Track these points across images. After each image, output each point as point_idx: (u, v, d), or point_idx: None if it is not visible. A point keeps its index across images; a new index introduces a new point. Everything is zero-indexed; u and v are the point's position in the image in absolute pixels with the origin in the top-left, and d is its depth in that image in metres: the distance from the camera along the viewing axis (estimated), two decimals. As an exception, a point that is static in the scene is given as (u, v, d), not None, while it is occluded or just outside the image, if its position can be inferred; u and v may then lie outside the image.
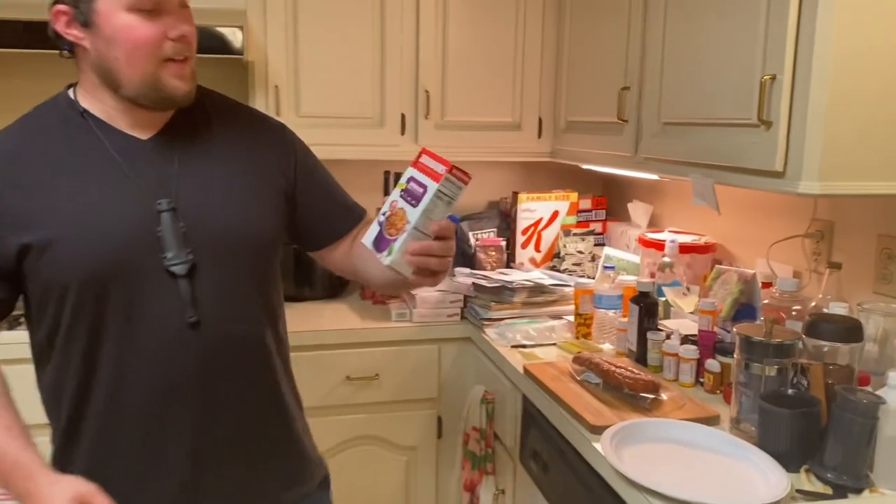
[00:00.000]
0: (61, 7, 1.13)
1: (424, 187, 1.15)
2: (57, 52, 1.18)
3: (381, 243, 1.17)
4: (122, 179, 1.16)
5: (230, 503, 1.24)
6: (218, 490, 1.22)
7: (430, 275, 1.19)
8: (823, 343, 1.42)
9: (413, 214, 1.14)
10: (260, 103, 2.34)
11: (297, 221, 1.35)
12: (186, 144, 1.22)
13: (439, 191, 1.13)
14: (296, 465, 1.33)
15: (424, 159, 1.17)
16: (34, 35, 2.10)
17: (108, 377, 1.16)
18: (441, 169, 1.14)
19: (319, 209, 1.38)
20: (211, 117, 1.28)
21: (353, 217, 1.42)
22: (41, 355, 1.21)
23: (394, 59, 2.42)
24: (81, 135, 1.17)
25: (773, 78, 1.42)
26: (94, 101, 1.19)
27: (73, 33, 1.13)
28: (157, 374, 1.16)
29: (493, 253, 2.56)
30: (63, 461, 1.20)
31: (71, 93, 1.21)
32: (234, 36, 2.21)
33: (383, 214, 1.18)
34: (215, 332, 1.18)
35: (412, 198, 1.16)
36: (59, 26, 1.14)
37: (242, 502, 1.25)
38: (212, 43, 2.18)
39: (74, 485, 1.05)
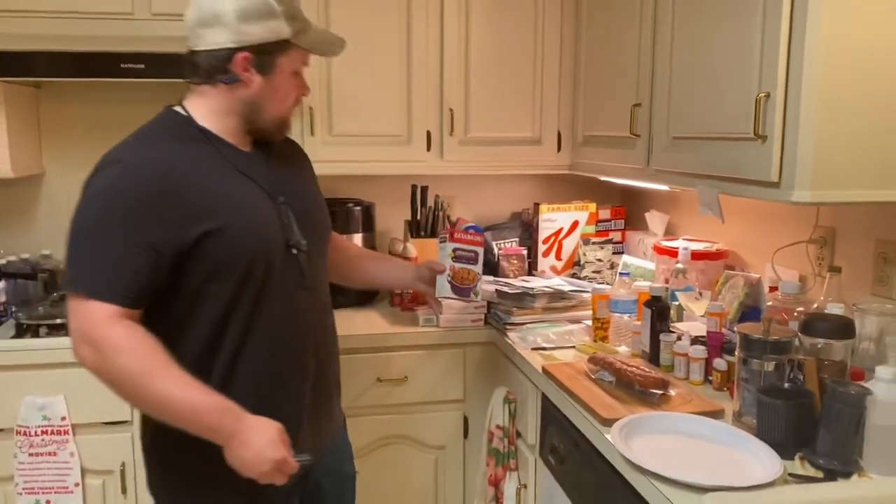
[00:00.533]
0: (244, 54, 1.41)
1: (475, 252, 2.01)
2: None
3: (462, 292, 1.98)
4: (248, 181, 1.46)
5: (328, 423, 1.64)
6: (325, 414, 1.62)
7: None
8: (818, 340, 1.53)
9: (478, 268, 2.03)
10: (296, 124, 2.51)
11: None
12: (270, 156, 1.55)
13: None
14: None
15: (458, 235, 2.01)
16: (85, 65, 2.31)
17: (250, 330, 1.44)
18: (478, 239, 2.03)
19: None
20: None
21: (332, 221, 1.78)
22: (182, 322, 1.42)
23: (419, 80, 2.58)
24: (206, 145, 1.44)
25: (768, 95, 1.54)
26: (215, 121, 1.46)
27: (247, 75, 1.43)
28: (284, 328, 1.48)
29: (516, 261, 2.69)
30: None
31: (181, 111, 1.47)
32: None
33: (448, 276, 1.96)
34: (319, 295, 1.58)
35: (468, 260, 1.99)
36: (236, 67, 1.41)
37: (330, 421, 1.66)
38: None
39: (274, 423, 1.36)
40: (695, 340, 1.91)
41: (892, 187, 1.51)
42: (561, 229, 2.76)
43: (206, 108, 1.46)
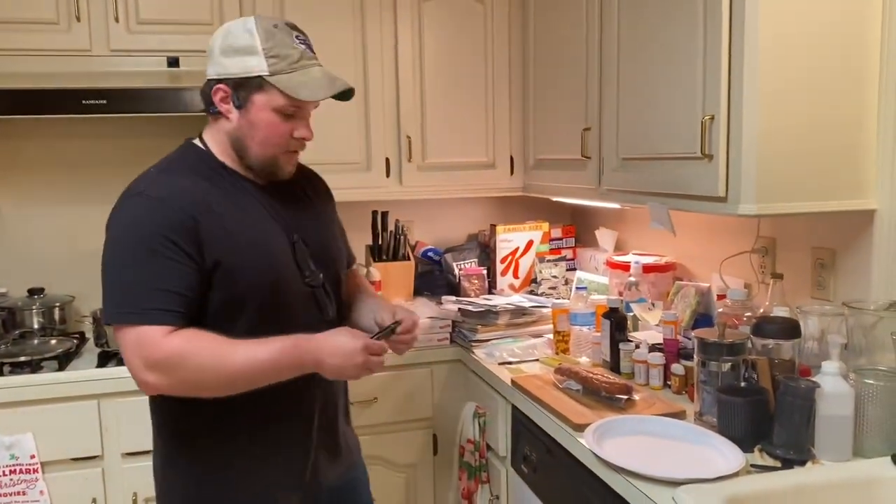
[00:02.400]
0: (222, 86, 1.45)
1: None
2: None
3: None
4: (264, 216, 1.50)
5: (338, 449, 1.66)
6: (334, 438, 1.65)
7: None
8: (768, 341, 1.66)
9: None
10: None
11: None
12: (287, 192, 1.57)
13: None
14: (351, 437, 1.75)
15: None
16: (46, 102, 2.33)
17: None
18: None
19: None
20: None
21: (351, 259, 1.80)
22: None
23: (377, 110, 2.67)
24: (224, 179, 1.49)
25: (712, 118, 1.68)
26: (226, 157, 1.51)
27: (225, 108, 1.46)
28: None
29: (476, 281, 2.79)
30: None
31: (200, 145, 1.52)
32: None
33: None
34: (337, 326, 1.50)
35: None
36: (216, 98, 1.46)
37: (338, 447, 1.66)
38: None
39: (336, 329, 1.43)
40: (652, 348, 2.03)
41: (826, 199, 1.66)
42: (517, 249, 2.87)
43: (213, 140, 1.52)
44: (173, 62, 2.48)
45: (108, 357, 2.42)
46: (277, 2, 2.55)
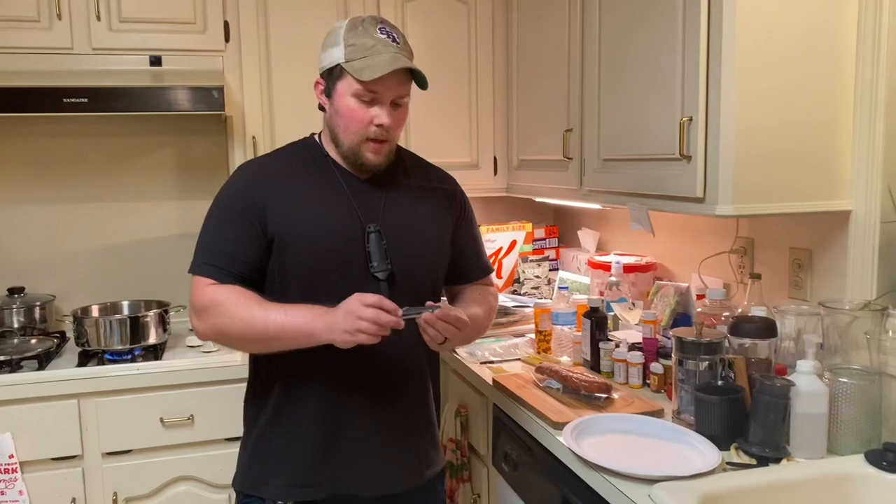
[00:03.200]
0: (320, 79, 1.60)
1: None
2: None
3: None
4: (349, 206, 1.58)
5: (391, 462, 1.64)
6: (389, 448, 1.63)
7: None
8: (745, 340, 1.68)
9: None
10: (239, 152, 2.57)
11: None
12: (391, 188, 1.64)
13: None
14: (433, 439, 1.74)
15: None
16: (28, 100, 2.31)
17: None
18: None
19: (462, 256, 1.77)
20: (408, 170, 1.71)
21: (480, 271, 1.83)
22: None
23: (360, 109, 2.67)
24: (324, 169, 1.61)
25: (690, 119, 1.69)
26: (330, 148, 1.63)
27: (323, 99, 1.60)
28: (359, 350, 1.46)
29: (459, 281, 2.80)
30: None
31: (317, 137, 1.67)
32: (215, 94, 2.42)
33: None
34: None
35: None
36: (317, 91, 1.61)
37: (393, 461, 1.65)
38: (195, 101, 2.39)
39: (353, 296, 1.42)
40: (632, 347, 2.04)
41: (802, 200, 1.68)
42: (501, 249, 2.88)
43: (323, 133, 1.66)
44: (155, 61, 2.48)
45: (89, 356, 2.41)
46: (261, 1, 2.55)
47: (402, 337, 1.47)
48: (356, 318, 1.39)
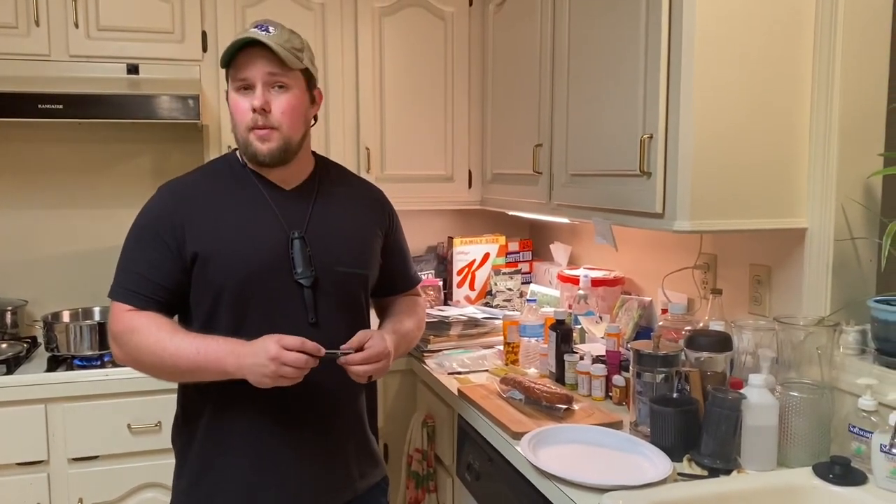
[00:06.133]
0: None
1: None
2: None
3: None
4: (273, 216, 1.56)
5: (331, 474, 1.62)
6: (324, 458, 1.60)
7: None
8: (701, 353, 1.71)
9: None
10: (214, 162, 2.58)
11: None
12: (317, 197, 1.62)
13: None
14: (365, 452, 1.70)
15: None
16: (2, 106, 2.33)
17: None
18: None
19: (391, 268, 1.77)
20: (333, 180, 1.69)
21: (409, 282, 1.86)
22: None
23: (336, 121, 2.71)
24: (245, 181, 1.58)
25: (651, 136, 1.73)
26: (245, 156, 1.59)
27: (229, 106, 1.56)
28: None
29: (432, 292, 2.82)
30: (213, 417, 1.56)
31: (238, 152, 1.61)
32: (190, 103, 2.44)
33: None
34: (328, 332, 1.52)
35: None
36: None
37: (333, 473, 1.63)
38: (170, 110, 2.41)
39: (272, 337, 1.40)
40: (596, 360, 2.07)
41: (759, 217, 1.72)
42: (474, 261, 2.91)
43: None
44: (133, 69, 2.50)
45: (59, 362, 2.41)
46: (239, 12, 2.57)
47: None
48: (280, 363, 1.37)
